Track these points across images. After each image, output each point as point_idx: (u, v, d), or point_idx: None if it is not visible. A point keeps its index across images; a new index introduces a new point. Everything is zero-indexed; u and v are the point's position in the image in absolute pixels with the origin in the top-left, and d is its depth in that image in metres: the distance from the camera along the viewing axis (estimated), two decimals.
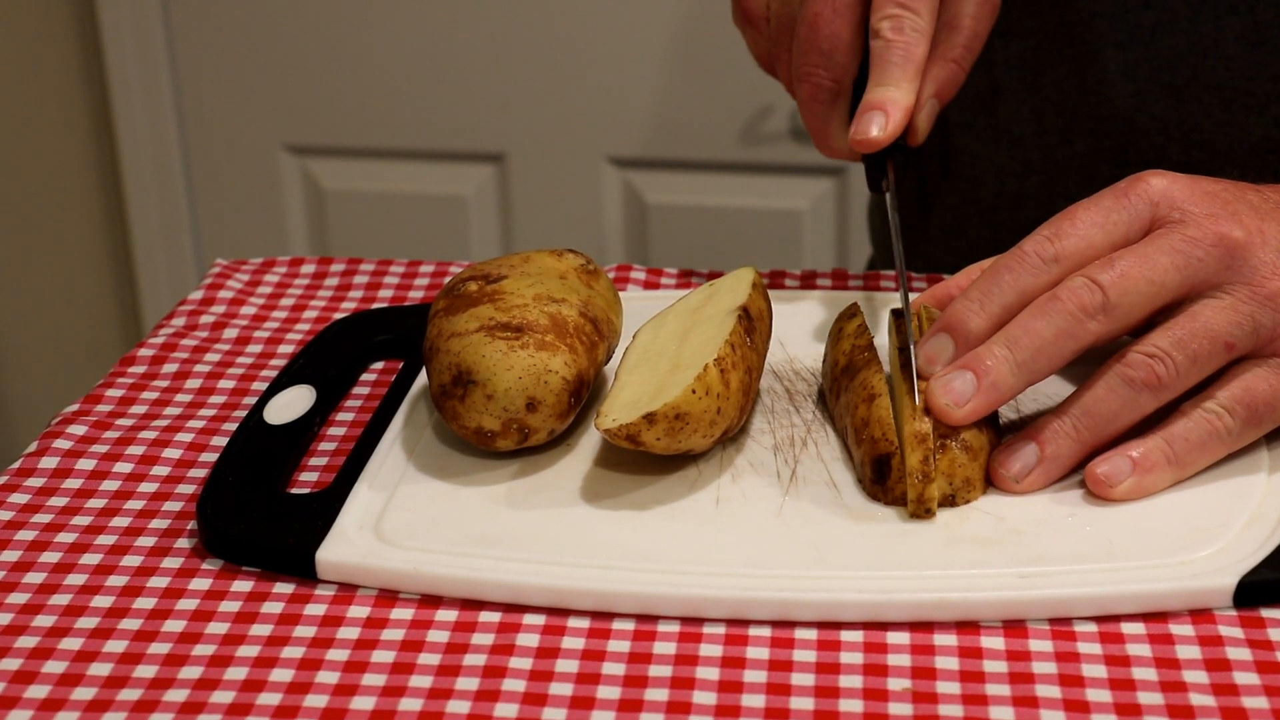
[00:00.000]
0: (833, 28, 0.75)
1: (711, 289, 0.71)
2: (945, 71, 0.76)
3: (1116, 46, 0.86)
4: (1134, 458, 0.62)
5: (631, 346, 0.69)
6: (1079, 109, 0.88)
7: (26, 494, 0.66)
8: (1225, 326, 0.63)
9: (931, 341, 0.65)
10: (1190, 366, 0.63)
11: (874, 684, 0.55)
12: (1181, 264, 0.63)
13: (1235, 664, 0.55)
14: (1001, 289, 0.64)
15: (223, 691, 0.55)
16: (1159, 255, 0.63)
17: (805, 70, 0.76)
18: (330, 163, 1.86)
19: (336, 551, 0.61)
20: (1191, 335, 0.63)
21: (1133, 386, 0.62)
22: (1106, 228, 0.64)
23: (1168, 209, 0.64)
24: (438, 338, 0.67)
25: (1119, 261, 0.63)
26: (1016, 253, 0.64)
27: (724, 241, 1.75)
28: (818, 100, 0.76)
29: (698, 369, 0.63)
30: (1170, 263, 0.63)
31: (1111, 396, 0.63)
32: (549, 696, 0.54)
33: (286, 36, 1.79)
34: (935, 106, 0.76)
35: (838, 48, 0.75)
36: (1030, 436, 0.63)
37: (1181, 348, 0.62)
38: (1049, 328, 0.62)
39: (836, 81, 0.76)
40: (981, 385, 0.63)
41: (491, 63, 1.76)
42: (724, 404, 0.63)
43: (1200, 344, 0.63)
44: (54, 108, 1.88)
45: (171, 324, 0.81)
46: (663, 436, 0.62)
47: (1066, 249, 0.64)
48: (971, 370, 0.63)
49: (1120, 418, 0.63)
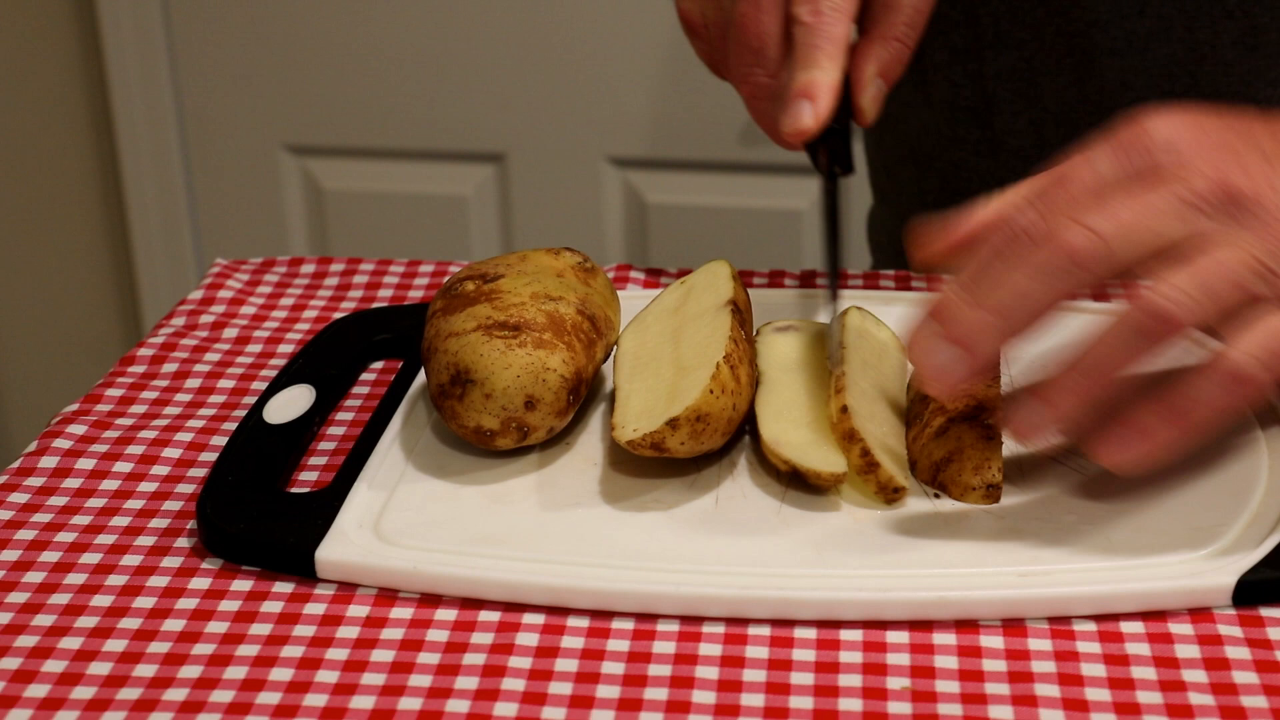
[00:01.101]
0: (760, 26, 0.74)
1: (685, 286, 0.71)
2: (888, 50, 0.75)
3: (1112, 54, 0.86)
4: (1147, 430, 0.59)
5: (620, 354, 0.69)
6: (1079, 119, 0.87)
7: (26, 494, 0.67)
8: (1241, 268, 0.58)
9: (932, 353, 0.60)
10: (1208, 306, 0.58)
11: (873, 683, 0.55)
12: (1186, 214, 0.59)
13: (1234, 663, 0.55)
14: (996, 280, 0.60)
15: (222, 690, 0.55)
16: (1162, 204, 0.59)
17: (741, 71, 0.76)
18: (330, 163, 1.86)
19: (336, 551, 0.61)
20: (1209, 273, 0.58)
21: (1144, 334, 0.58)
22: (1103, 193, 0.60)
23: (1171, 161, 0.60)
24: (435, 337, 0.67)
25: (1120, 210, 0.58)
26: (1006, 231, 0.60)
27: (724, 241, 1.75)
28: (758, 98, 0.76)
29: (709, 368, 0.63)
30: (1174, 212, 0.59)
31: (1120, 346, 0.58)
32: (548, 696, 0.54)
33: (286, 36, 1.79)
34: (881, 86, 0.75)
35: (767, 44, 0.74)
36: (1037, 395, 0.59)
37: (1201, 285, 0.58)
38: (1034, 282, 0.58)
39: (772, 77, 0.75)
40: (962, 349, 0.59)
41: (491, 63, 1.76)
42: (738, 399, 0.63)
43: (1219, 282, 0.58)
44: (54, 108, 1.88)
45: (171, 324, 0.81)
46: (687, 440, 0.62)
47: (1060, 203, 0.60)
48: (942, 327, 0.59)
49: (1124, 364, 0.58)
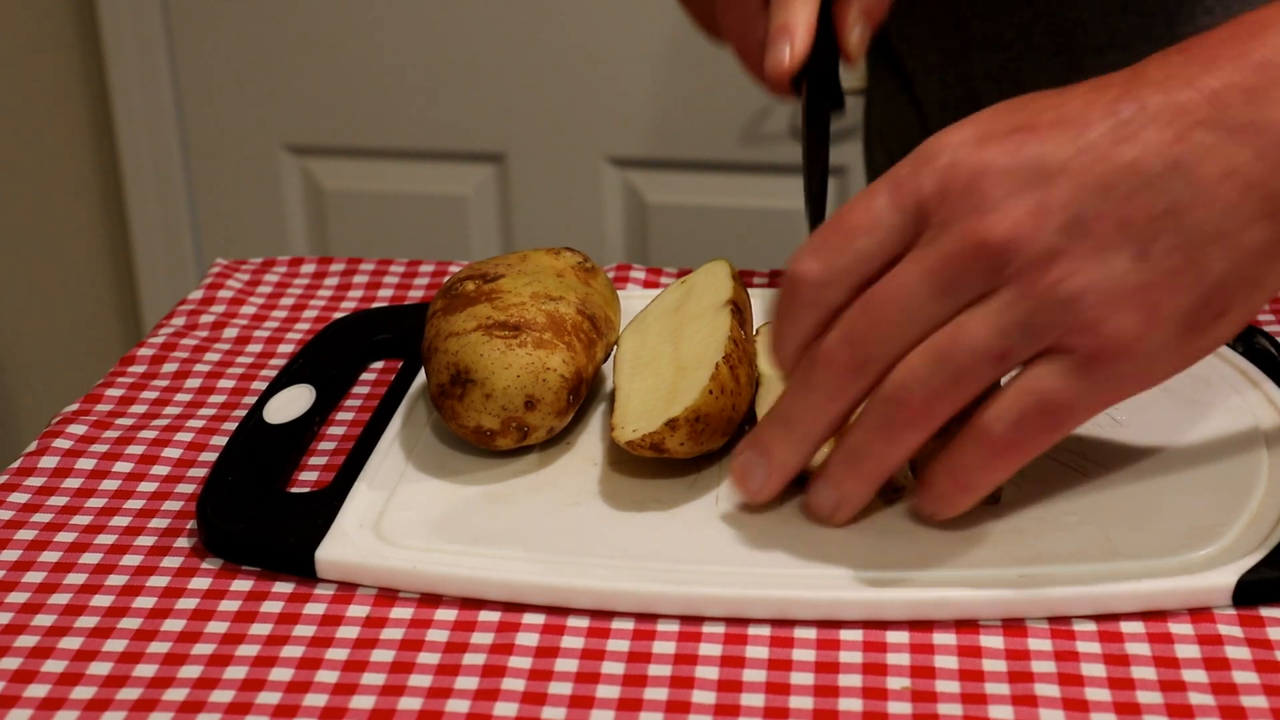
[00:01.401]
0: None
1: (686, 286, 0.72)
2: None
3: (1097, 52, 0.86)
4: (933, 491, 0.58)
5: (619, 355, 0.69)
6: None
7: (26, 494, 0.67)
8: (994, 337, 0.55)
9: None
10: (954, 388, 0.55)
11: (873, 683, 0.55)
12: (941, 287, 0.55)
13: (1234, 663, 0.55)
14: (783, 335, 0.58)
15: (222, 690, 0.55)
16: (916, 284, 0.55)
17: (728, 25, 0.76)
18: (330, 163, 1.86)
19: (336, 551, 0.61)
20: (952, 353, 0.55)
21: (893, 425, 0.56)
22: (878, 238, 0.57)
23: (935, 211, 0.56)
24: (436, 337, 0.67)
25: (876, 304, 0.56)
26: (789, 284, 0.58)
27: (724, 241, 1.75)
28: (749, 53, 0.76)
29: (708, 369, 0.63)
30: (929, 290, 0.55)
31: (877, 436, 0.57)
32: (548, 696, 0.54)
33: (286, 36, 1.79)
34: (866, 27, 0.74)
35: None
36: (817, 476, 0.60)
37: (943, 368, 0.55)
38: (812, 400, 0.58)
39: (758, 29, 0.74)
40: (771, 468, 0.60)
41: (491, 63, 1.76)
42: (738, 400, 0.63)
43: (964, 362, 0.55)
44: (54, 108, 1.88)
45: (171, 324, 0.81)
46: (686, 441, 0.62)
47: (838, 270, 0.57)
48: (757, 451, 0.60)
49: (890, 456, 0.57)
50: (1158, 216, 0.54)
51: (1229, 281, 0.55)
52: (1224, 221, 0.55)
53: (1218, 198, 0.55)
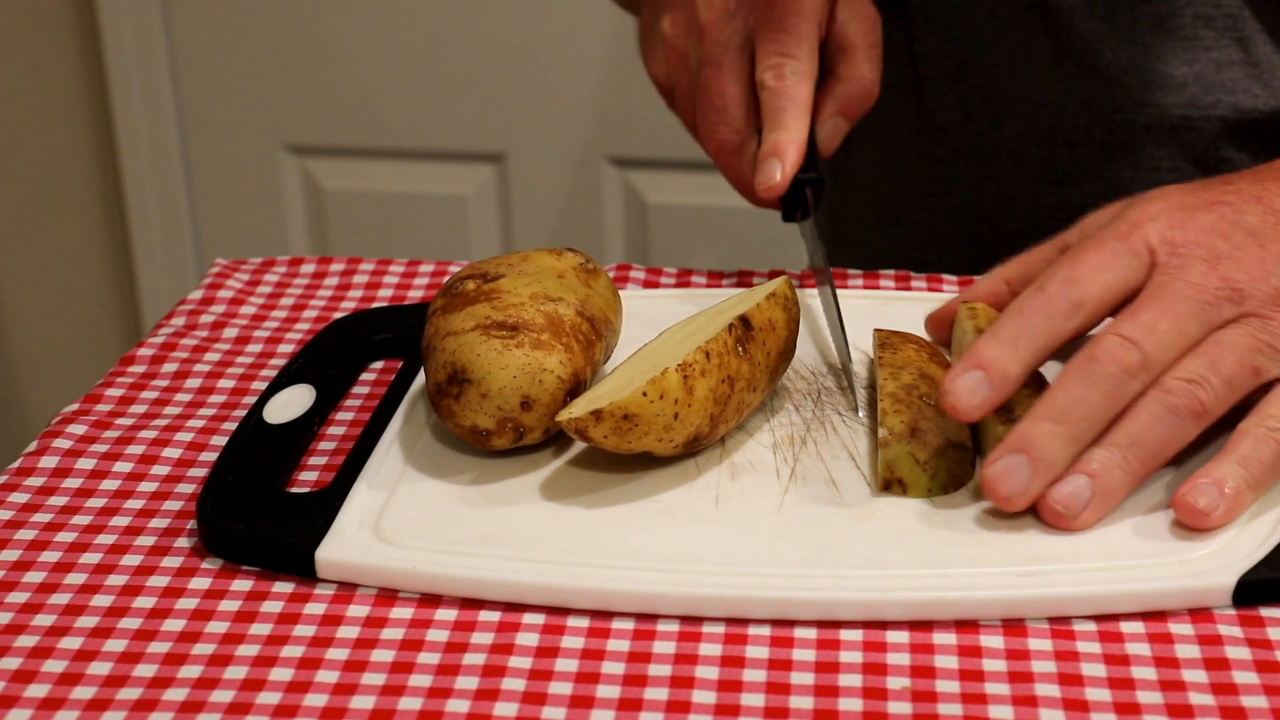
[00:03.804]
0: (723, 86, 0.81)
1: (742, 295, 0.70)
2: (848, 89, 0.82)
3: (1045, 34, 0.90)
4: (1225, 491, 0.61)
5: (650, 342, 0.69)
6: (1007, 95, 0.92)
7: (26, 493, 0.66)
8: (1249, 352, 0.63)
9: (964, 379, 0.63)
10: (1227, 390, 0.63)
11: (873, 683, 0.55)
12: (1197, 310, 0.63)
13: (1234, 663, 0.55)
14: (1033, 333, 0.64)
15: (222, 690, 0.55)
16: (1177, 304, 0.63)
17: (707, 130, 0.82)
18: (330, 163, 1.86)
19: (336, 551, 0.61)
20: (1223, 359, 0.63)
21: (1178, 414, 0.62)
22: (1118, 270, 0.65)
23: (1167, 254, 0.65)
24: (434, 336, 0.67)
25: (1143, 315, 0.63)
26: (1042, 296, 0.64)
27: (724, 241, 1.75)
28: (725, 153, 0.82)
29: (656, 372, 0.63)
30: (1188, 310, 0.63)
31: (1158, 425, 0.62)
32: (548, 696, 0.54)
33: (286, 36, 1.79)
34: (841, 123, 0.83)
35: (729, 104, 0.81)
36: (1080, 469, 0.61)
37: (1217, 371, 0.62)
38: (1095, 394, 0.62)
39: (737, 134, 0.82)
40: (1036, 467, 0.61)
41: (491, 63, 1.76)
42: (684, 410, 0.63)
43: (1232, 367, 0.63)
44: (54, 108, 1.88)
45: (171, 324, 0.81)
46: (610, 435, 0.62)
47: (1089, 295, 0.64)
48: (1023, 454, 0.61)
49: (1169, 446, 0.62)
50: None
51: None
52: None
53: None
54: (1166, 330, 0.63)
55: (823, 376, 0.73)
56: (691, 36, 0.83)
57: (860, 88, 0.83)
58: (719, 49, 0.81)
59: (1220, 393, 0.62)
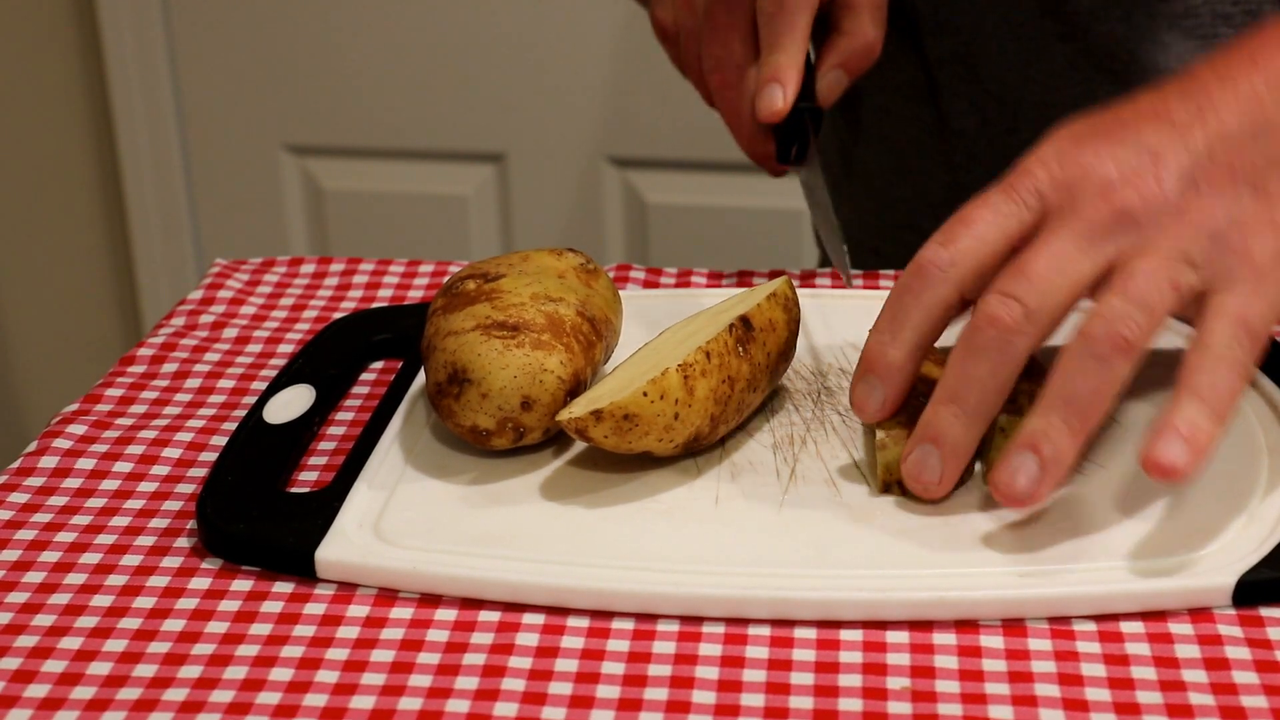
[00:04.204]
0: (730, 21, 0.82)
1: (742, 295, 0.70)
2: (851, 43, 0.83)
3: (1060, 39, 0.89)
4: (1183, 433, 0.57)
5: (650, 342, 0.69)
6: (1023, 99, 0.92)
7: (26, 494, 0.67)
8: (1160, 269, 0.59)
9: (859, 387, 0.64)
10: (1147, 315, 0.59)
11: (873, 683, 0.55)
12: (1085, 245, 0.60)
13: (1234, 663, 0.55)
14: (907, 312, 0.62)
15: (222, 690, 0.55)
16: (1059, 244, 0.60)
17: (711, 64, 0.83)
18: (330, 163, 1.86)
19: (336, 551, 0.61)
20: (1132, 285, 0.59)
21: (1101, 357, 0.58)
22: (999, 223, 0.62)
23: (1058, 196, 0.61)
24: (435, 336, 0.67)
25: (1026, 264, 0.60)
26: (913, 267, 0.62)
27: (724, 241, 1.75)
28: (728, 86, 0.83)
29: (657, 371, 0.63)
30: (1074, 248, 0.60)
31: (1085, 375, 0.59)
32: (548, 696, 0.54)
33: (286, 36, 1.79)
34: (841, 76, 0.83)
35: (734, 38, 0.82)
36: (1022, 444, 0.59)
37: (1129, 298, 0.59)
38: (983, 366, 0.60)
39: (739, 68, 0.82)
40: (944, 453, 0.61)
41: (491, 63, 1.76)
42: (684, 410, 0.63)
43: (1144, 289, 0.59)
44: (54, 108, 1.88)
45: (171, 324, 0.81)
46: (610, 434, 0.62)
47: (962, 251, 0.62)
48: (930, 442, 0.61)
49: (1104, 394, 0.59)
50: (1261, 166, 0.62)
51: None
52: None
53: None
54: (1047, 275, 0.60)
55: (823, 376, 0.73)
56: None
57: (863, 43, 0.83)
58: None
59: (1140, 320, 0.59)
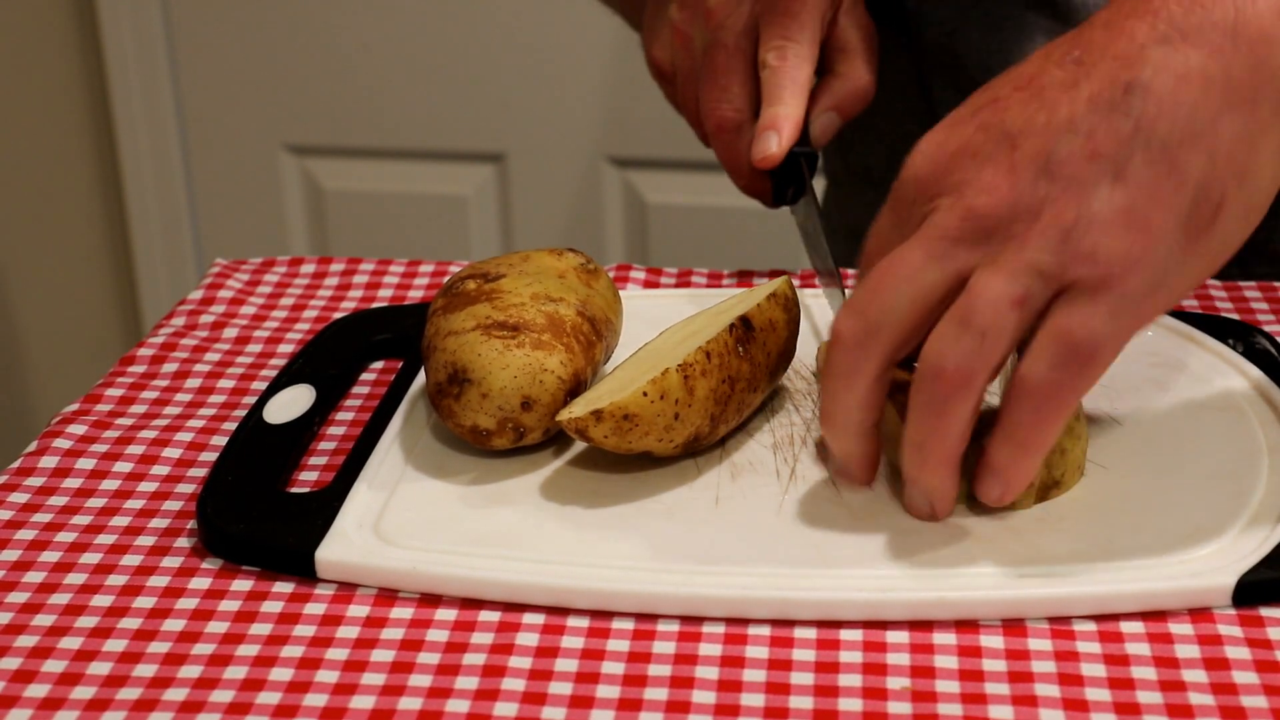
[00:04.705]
0: (729, 65, 0.83)
1: (742, 295, 0.70)
2: (845, 85, 0.85)
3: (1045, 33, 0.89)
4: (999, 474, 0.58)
5: (650, 342, 0.69)
6: None
7: (26, 493, 0.66)
8: (1004, 287, 0.55)
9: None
10: (988, 344, 0.56)
11: (873, 683, 0.55)
12: (937, 252, 0.57)
13: (1234, 663, 0.55)
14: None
15: (222, 690, 0.55)
16: (911, 253, 0.57)
17: (709, 107, 0.84)
18: (330, 163, 1.86)
19: (336, 551, 0.61)
20: (974, 310, 0.55)
21: (942, 401, 0.56)
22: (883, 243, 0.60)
23: (924, 201, 0.59)
24: (435, 336, 0.67)
25: (871, 277, 0.58)
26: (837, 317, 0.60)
27: (724, 241, 1.75)
28: (725, 130, 0.84)
29: (657, 372, 0.63)
30: (926, 256, 0.57)
31: (930, 417, 0.57)
32: (548, 696, 0.54)
33: (286, 36, 1.79)
34: (834, 118, 0.85)
35: (732, 83, 0.83)
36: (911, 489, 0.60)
37: (972, 328, 0.55)
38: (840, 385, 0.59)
39: (738, 112, 0.83)
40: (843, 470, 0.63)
41: (491, 63, 1.76)
42: (685, 410, 0.63)
43: (986, 315, 0.55)
44: (54, 108, 1.88)
45: (171, 324, 0.81)
46: (610, 435, 0.62)
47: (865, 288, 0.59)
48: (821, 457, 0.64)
49: (952, 430, 0.57)
50: (1125, 139, 0.56)
51: (1212, 177, 0.56)
52: (1191, 123, 0.56)
53: (1179, 103, 0.56)
54: (892, 285, 0.57)
55: None
56: (698, 21, 0.86)
57: (857, 86, 0.85)
58: (725, 32, 0.84)
59: (977, 349, 0.56)
